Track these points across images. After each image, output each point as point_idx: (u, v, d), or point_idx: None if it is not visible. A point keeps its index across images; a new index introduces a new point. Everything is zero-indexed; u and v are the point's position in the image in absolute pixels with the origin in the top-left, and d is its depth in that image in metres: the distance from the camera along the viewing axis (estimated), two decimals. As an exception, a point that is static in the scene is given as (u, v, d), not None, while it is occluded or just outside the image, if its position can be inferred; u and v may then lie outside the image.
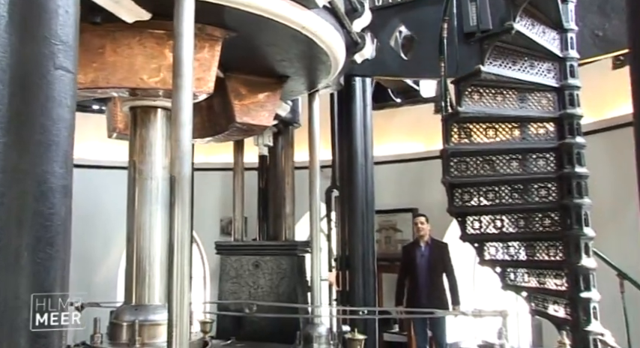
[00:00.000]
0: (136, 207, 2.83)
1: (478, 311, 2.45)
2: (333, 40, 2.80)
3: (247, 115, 3.10)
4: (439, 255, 6.38)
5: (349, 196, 4.94)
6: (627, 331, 4.21)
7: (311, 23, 2.51)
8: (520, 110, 3.92)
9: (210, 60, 2.50)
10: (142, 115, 2.92)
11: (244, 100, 3.09)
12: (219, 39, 2.51)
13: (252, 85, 3.12)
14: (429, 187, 6.28)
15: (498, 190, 3.99)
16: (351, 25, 2.97)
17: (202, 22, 2.36)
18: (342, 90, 4.75)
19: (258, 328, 4.16)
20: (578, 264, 3.58)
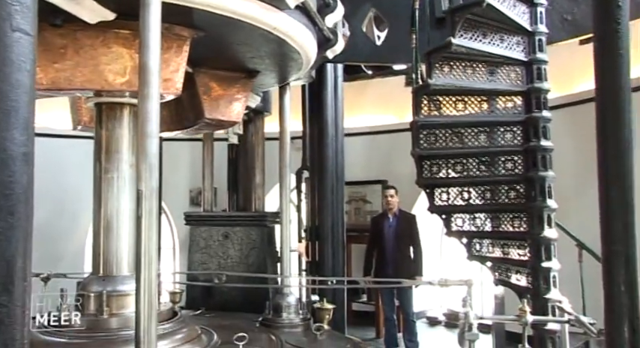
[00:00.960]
0: (102, 205, 2.75)
1: (444, 281, 2.51)
2: (305, 40, 2.74)
3: (216, 110, 3.01)
4: (407, 226, 6.48)
5: (319, 168, 4.95)
6: (583, 298, 4.39)
7: (282, 24, 2.44)
8: (489, 83, 3.95)
9: (178, 60, 2.39)
10: (108, 111, 2.80)
11: (214, 96, 2.98)
12: (187, 39, 2.42)
13: (222, 79, 3.01)
14: (398, 159, 6.34)
15: (466, 163, 4.04)
16: (323, 21, 2.90)
17: (169, 22, 2.26)
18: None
19: (228, 298, 4.19)
20: (540, 235, 3.68)
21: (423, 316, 8.38)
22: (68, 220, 7.45)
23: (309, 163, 5.12)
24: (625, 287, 0.81)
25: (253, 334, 2.75)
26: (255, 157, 4.91)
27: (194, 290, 4.34)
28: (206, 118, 3.00)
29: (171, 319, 2.67)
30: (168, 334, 2.49)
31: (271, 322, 3.29)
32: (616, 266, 0.83)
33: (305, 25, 2.64)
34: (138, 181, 1.89)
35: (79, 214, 7.18)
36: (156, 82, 1.90)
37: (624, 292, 0.82)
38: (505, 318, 3.19)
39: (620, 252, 0.82)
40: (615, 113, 0.80)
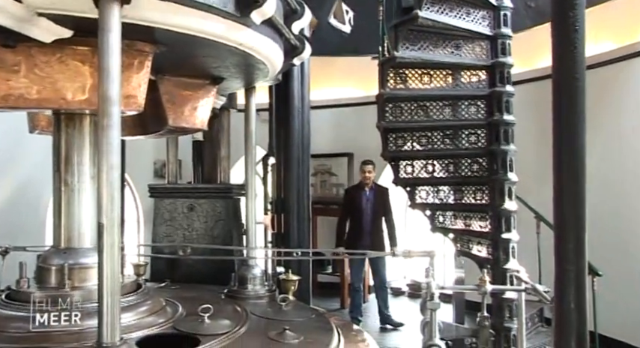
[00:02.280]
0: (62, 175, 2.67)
1: (408, 252, 2.55)
2: (271, 52, 2.66)
3: (181, 118, 2.90)
4: (381, 199, 6.63)
5: (285, 140, 4.92)
6: (539, 267, 4.55)
7: (248, 40, 2.35)
8: (455, 57, 3.98)
9: (140, 76, 2.27)
10: (67, 121, 2.67)
11: (177, 103, 2.87)
12: (149, 54, 2.31)
13: (186, 86, 2.89)
14: (364, 132, 6.35)
15: (431, 136, 4.09)
16: (290, 31, 2.83)
17: (130, 39, 2.16)
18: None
19: (193, 270, 4.18)
20: (501, 207, 3.78)
21: (388, 287, 8.56)
22: (29, 191, 7.26)
23: (275, 136, 5.09)
24: (574, 305, 0.85)
25: (218, 305, 2.76)
26: (221, 129, 4.86)
27: (159, 263, 4.31)
28: (170, 126, 2.90)
29: (135, 291, 2.65)
30: (132, 306, 2.47)
31: (237, 294, 3.30)
32: (567, 285, 0.88)
33: (271, 37, 2.56)
34: (98, 214, 1.79)
35: (41, 186, 7.00)
36: (117, 109, 1.81)
37: (574, 310, 0.86)
38: (466, 287, 3.28)
39: (570, 271, 0.87)
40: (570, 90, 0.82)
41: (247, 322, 2.57)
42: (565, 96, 0.83)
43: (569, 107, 0.83)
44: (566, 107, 0.83)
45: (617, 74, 5.63)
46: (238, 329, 2.42)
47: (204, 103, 3.01)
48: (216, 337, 2.26)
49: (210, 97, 3.05)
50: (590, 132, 4.16)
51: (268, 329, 2.45)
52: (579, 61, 0.82)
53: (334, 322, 2.78)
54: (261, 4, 2.08)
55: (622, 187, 5.62)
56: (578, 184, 0.82)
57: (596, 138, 5.69)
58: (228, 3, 2.06)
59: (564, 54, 0.84)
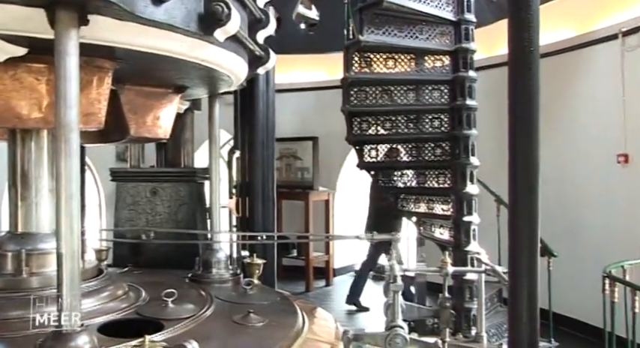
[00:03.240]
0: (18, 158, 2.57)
1: (371, 235, 2.58)
2: (235, 66, 2.60)
3: (143, 128, 2.80)
4: None
5: (250, 124, 4.88)
6: (499, 249, 4.67)
7: (211, 56, 2.27)
8: (419, 42, 4.01)
9: (99, 93, 2.16)
10: (23, 133, 2.55)
11: (139, 113, 2.75)
12: (109, 70, 2.21)
13: (148, 95, 2.76)
14: (329, 115, 6.35)
15: (395, 120, 4.13)
16: (254, 43, 2.77)
17: (89, 55, 2.05)
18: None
19: (157, 254, 4.13)
20: (463, 191, 3.86)
21: (352, 270, 8.65)
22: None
23: (240, 120, 5.03)
24: (526, 318, 0.88)
25: (183, 290, 2.74)
26: (185, 114, 4.78)
27: (121, 248, 4.24)
28: (131, 136, 2.81)
29: (97, 277, 2.60)
30: (94, 292, 2.43)
31: (201, 278, 3.28)
32: (519, 299, 0.91)
33: (235, 51, 2.49)
34: (57, 242, 1.68)
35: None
36: (76, 135, 1.68)
37: (525, 324, 0.89)
38: (427, 270, 3.34)
39: (523, 285, 0.90)
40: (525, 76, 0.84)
41: (212, 306, 2.56)
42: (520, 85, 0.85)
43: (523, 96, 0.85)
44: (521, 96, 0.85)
45: (577, 61, 5.77)
46: (202, 313, 2.41)
47: (167, 111, 2.91)
48: (180, 321, 2.24)
49: (173, 106, 2.95)
50: (550, 118, 4.28)
51: (233, 313, 2.44)
52: (534, 52, 0.84)
53: (299, 304, 2.80)
54: (225, 22, 2.02)
55: (575, 171, 5.81)
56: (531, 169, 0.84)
57: (555, 124, 5.83)
58: (191, 22, 1.99)
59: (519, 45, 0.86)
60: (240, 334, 2.18)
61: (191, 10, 1.97)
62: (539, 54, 0.88)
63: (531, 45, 0.82)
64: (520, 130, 0.83)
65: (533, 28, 0.84)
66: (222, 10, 1.99)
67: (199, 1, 2.00)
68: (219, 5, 1.99)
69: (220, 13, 1.99)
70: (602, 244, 5.42)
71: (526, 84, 0.83)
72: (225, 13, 2.00)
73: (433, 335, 2.37)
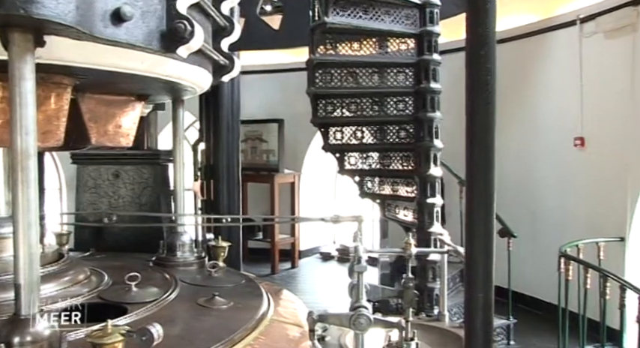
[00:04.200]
0: None
1: (336, 217, 2.59)
2: (199, 78, 2.53)
3: (104, 137, 2.68)
4: None
5: (214, 106, 4.82)
6: (461, 230, 4.77)
7: (174, 72, 2.20)
8: (384, 24, 4.01)
9: (58, 110, 2.05)
10: None
11: (100, 122, 2.64)
12: (67, 86, 2.11)
13: (110, 104, 2.64)
14: (295, 98, 6.33)
15: (360, 103, 4.14)
16: (219, 53, 2.69)
17: (47, 72, 1.94)
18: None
19: (120, 238, 4.06)
20: (427, 173, 3.91)
21: (317, 252, 8.72)
22: None
23: (205, 102, 4.97)
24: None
25: (146, 273, 2.71)
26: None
27: (83, 232, 4.15)
28: (93, 145, 2.71)
29: (57, 261, 2.55)
30: (54, 277, 2.38)
31: (165, 262, 3.25)
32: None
33: (199, 64, 2.43)
34: (15, 275, 1.60)
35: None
36: (33, 162, 1.59)
37: (481, 335, 0.92)
38: (391, 251, 3.39)
39: (479, 298, 0.92)
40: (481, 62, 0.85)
41: (176, 289, 2.54)
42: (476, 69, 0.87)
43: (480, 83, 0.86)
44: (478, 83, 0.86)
45: (538, 46, 5.88)
46: (167, 297, 2.39)
47: (130, 119, 2.80)
48: (143, 305, 2.22)
49: (136, 113, 2.85)
50: (512, 102, 4.36)
51: (198, 296, 2.43)
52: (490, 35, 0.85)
53: (264, 287, 2.81)
54: (188, 40, 1.96)
55: (535, 154, 5.96)
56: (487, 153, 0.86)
57: (517, 108, 5.95)
58: (153, 40, 1.91)
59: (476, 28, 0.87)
60: (205, 317, 2.18)
61: (153, 29, 1.89)
62: (495, 38, 0.89)
63: (488, 28, 0.83)
64: (477, 112, 0.85)
65: (491, 11, 0.85)
66: (185, 28, 1.91)
67: (161, 19, 1.93)
68: (181, 23, 1.92)
69: (183, 30, 1.92)
70: (559, 225, 5.61)
71: (483, 67, 0.84)
72: (188, 31, 1.92)
73: (397, 315, 2.41)
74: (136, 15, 1.79)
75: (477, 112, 0.86)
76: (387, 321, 1.83)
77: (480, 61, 0.86)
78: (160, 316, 2.08)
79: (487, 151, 0.86)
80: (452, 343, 2.25)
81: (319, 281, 7.37)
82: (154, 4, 1.88)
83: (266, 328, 2.16)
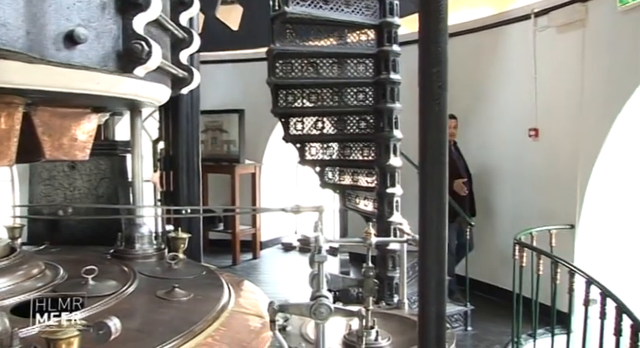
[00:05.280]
0: None
1: (297, 208, 2.60)
2: (157, 94, 2.46)
3: (59, 150, 2.56)
4: (463, 158, 5.96)
5: (173, 96, 4.75)
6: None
7: (131, 90, 2.14)
8: (345, 15, 4.01)
9: (9, 130, 1.96)
10: None
11: (55, 135, 2.52)
12: (19, 105, 2.02)
13: (64, 116, 2.52)
14: (255, 88, 6.27)
15: (321, 93, 4.14)
16: (177, 65, 2.62)
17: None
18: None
19: (76, 231, 3.96)
20: (386, 163, 3.96)
21: (279, 243, 8.72)
22: None
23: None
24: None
25: (104, 266, 2.66)
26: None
27: (37, 225, 4.03)
28: (46, 159, 2.61)
29: (8, 255, 2.47)
30: (5, 271, 2.31)
31: (124, 254, 3.19)
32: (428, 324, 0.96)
33: (158, 80, 2.37)
34: None
35: None
36: None
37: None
38: (352, 241, 3.42)
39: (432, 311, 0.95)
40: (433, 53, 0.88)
41: (135, 281, 2.50)
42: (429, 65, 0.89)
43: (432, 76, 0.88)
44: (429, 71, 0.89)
45: (495, 39, 6.00)
46: (125, 289, 2.36)
47: (85, 131, 2.71)
48: (101, 298, 2.18)
49: (92, 124, 2.75)
50: (470, 93, 4.44)
51: (157, 288, 2.40)
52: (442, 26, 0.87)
53: (225, 278, 2.80)
54: (146, 60, 1.90)
55: (492, 145, 6.10)
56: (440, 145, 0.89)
57: (475, 99, 6.07)
58: (109, 62, 1.84)
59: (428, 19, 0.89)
60: (165, 309, 2.16)
61: (109, 50, 1.83)
62: (447, 30, 0.91)
63: (440, 19, 0.85)
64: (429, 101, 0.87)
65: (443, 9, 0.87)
66: (142, 48, 1.85)
67: (117, 40, 1.86)
68: (138, 44, 1.85)
69: (140, 51, 1.85)
70: (514, 214, 5.77)
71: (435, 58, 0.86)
72: (146, 51, 1.85)
73: (357, 304, 2.44)
74: (91, 37, 1.73)
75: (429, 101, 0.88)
76: (347, 310, 1.85)
77: (432, 57, 0.88)
78: (118, 309, 2.05)
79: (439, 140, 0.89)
80: (411, 331, 2.29)
81: (281, 272, 7.38)
82: (109, 24, 1.83)
83: (227, 319, 2.15)
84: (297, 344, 2.01)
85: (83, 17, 1.72)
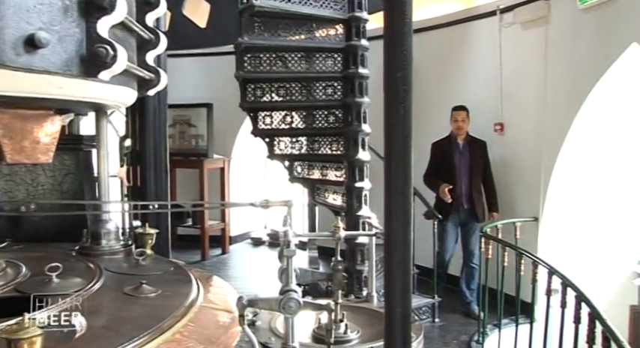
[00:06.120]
0: None
1: (266, 202, 2.59)
2: (123, 97, 2.40)
3: (20, 154, 2.47)
4: (479, 155, 5.43)
5: (140, 97, 4.67)
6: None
7: (96, 94, 2.08)
8: (313, 9, 4.01)
9: None
10: None
11: (16, 138, 2.44)
12: None
13: (26, 118, 2.44)
14: (224, 81, 6.22)
15: (289, 87, 4.14)
16: (143, 67, 2.56)
17: None
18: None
19: (40, 228, 3.87)
20: (355, 157, 3.98)
21: (248, 237, 8.69)
22: None
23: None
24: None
25: (69, 263, 2.60)
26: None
27: (-2, 221, 3.94)
28: (7, 163, 2.52)
29: (-32, 253, 2.41)
30: (-35, 270, 2.25)
31: (89, 251, 3.13)
32: (394, 324, 0.97)
33: (123, 83, 2.31)
34: None
35: None
36: None
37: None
38: (320, 235, 3.44)
39: (398, 312, 0.96)
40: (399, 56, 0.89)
41: (101, 278, 2.46)
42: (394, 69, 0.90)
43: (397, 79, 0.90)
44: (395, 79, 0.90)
45: (463, 35, 6.09)
46: (91, 287, 2.32)
47: (48, 134, 2.63)
48: (66, 296, 2.14)
49: (55, 127, 2.68)
50: (436, 89, 4.49)
51: (124, 285, 2.37)
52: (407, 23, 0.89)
53: (194, 273, 2.78)
54: (111, 64, 1.85)
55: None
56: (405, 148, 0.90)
57: (444, 93, 6.14)
58: (72, 66, 1.78)
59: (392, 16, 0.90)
60: (132, 306, 2.13)
61: (72, 54, 1.78)
62: (412, 33, 0.93)
63: (405, 23, 0.86)
64: (394, 104, 0.88)
65: (408, 7, 0.88)
66: (107, 52, 1.80)
67: (81, 43, 1.81)
68: (102, 48, 1.80)
69: (105, 55, 1.80)
70: (480, 206, 5.86)
71: (400, 61, 0.87)
72: (110, 55, 1.80)
73: (327, 297, 2.45)
74: (53, 41, 1.68)
75: (394, 95, 0.89)
76: (316, 304, 1.86)
77: (397, 60, 0.89)
78: (84, 306, 2.02)
79: (404, 133, 0.90)
80: (380, 323, 2.31)
81: (250, 267, 7.36)
82: (72, 27, 1.77)
83: (195, 314, 2.14)
84: (266, 339, 2.02)
85: (44, 20, 1.68)
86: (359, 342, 2.04)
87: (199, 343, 1.85)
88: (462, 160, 5.37)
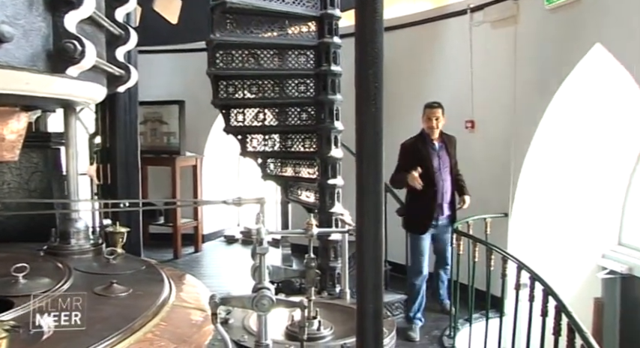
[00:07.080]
0: None
1: (239, 200, 2.58)
2: (92, 93, 2.36)
3: None
4: (452, 153, 5.00)
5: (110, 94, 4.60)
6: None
7: (64, 90, 2.03)
8: (286, 6, 4.01)
9: None
10: None
11: None
12: None
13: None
14: (196, 78, 6.16)
15: (262, 84, 4.13)
16: (113, 63, 2.51)
17: None
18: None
19: (7, 227, 3.79)
20: (328, 154, 4.00)
21: (221, 235, 8.64)
22: None
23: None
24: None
25: (37, 263, 2.55)
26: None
27: (-38, 222, 3.84)
28: None
29: None
30: None
31: (58, 250, 3.08)
32: (366, 320, 0.99)
33: (92, 80, 2.26)
34: None
35: None
36: None
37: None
38: (293, 232, 3.45)
39: (370, 308, 0.98)
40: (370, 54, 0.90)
41: (70, 278, 2.42)
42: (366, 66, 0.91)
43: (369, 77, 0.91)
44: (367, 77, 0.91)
45: (434, 33, 6.15)
46: (60, 287, 2.28)
47: (14, 130, 2.56)
48: (34, 297, 2.10)
49: (21, 124, 2.61)
50: (407, 87, 4.53)
51: (94, 284, 2.33)
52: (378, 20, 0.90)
53: (166, 272, 2.75)
54: (79, 60, 1.81)
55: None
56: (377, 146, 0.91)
57: (416, 91, 6.20)
58: (38, 61, 1.73)
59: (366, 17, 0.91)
60: (103, 306, 2.11)
61: (38, 49, 1.74)
62: (383, 31, 0.94)
63: (376, 20, 0.87)
64: (365, 102, 0.89)
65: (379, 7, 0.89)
66: (75, 48, 1.76)
67: (47, 38, 1.76)
68: (70, 43, 1.75)
69: (73, 50, 1.76)
70: (452, 203, 5.94)
71: (372, 58, 0.88)
72: (79, 51, 1.76)
73: (300, 294, 2.46)
74: (17, 35, 1.63)
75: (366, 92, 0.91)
76: (289, 301, 1.87)
77: (368, 58, 0.90)
78: (52, 307, 1.98)
79: (376, 145, 0.91)
80: (353, 320, 2.33)
81: (223, 265, 7.32)
82: (38, 21, 1.73)
83: (167, 313, 2.12)
84: (239, 337, 2.02)
85: (8, 14, 1.63)
86: (332, 338, 2.05)
87: (171, 343, 1.84)
88: (440, 162, 4.83)
